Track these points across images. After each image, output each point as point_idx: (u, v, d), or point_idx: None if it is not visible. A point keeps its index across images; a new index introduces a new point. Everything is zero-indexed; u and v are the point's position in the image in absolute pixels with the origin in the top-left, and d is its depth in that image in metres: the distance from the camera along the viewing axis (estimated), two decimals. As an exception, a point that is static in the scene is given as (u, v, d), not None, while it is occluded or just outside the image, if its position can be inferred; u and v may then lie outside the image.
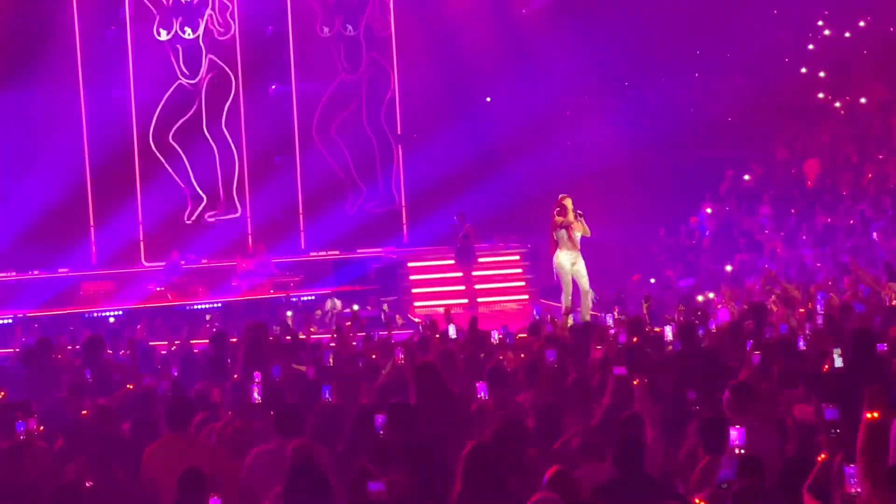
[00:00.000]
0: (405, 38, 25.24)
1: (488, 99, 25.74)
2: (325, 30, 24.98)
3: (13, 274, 23.22)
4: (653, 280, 21.92)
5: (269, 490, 7.56)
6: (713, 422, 7.67)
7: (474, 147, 24.85)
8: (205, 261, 24.03)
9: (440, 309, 16.48)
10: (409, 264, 23.20)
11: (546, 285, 20.51)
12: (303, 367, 11.45)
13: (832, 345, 10.12)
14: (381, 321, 17.31)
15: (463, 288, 22.11)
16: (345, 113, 25.20)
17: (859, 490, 6.21)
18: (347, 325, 15.19)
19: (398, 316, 20.58)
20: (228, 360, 12.09)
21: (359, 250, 24.48)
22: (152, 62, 24.20)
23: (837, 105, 24.02)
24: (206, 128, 24.55)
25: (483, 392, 9.15)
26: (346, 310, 20.35)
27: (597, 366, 10.37)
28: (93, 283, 23.02)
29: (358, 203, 25.30)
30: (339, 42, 25.10)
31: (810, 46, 24.46)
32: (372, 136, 25.34)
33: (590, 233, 16.58)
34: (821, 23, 24.36)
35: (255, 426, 8.83)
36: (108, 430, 8.67)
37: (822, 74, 24.26)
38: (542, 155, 24.34)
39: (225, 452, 8.34)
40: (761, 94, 24.29)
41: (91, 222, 24.16)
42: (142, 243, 24.31)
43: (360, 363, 11.88)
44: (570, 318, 14.91)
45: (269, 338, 13.21)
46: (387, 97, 25.39)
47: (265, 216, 24.91)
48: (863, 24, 24.07)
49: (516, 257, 23.59)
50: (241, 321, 17.91)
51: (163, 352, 14.56)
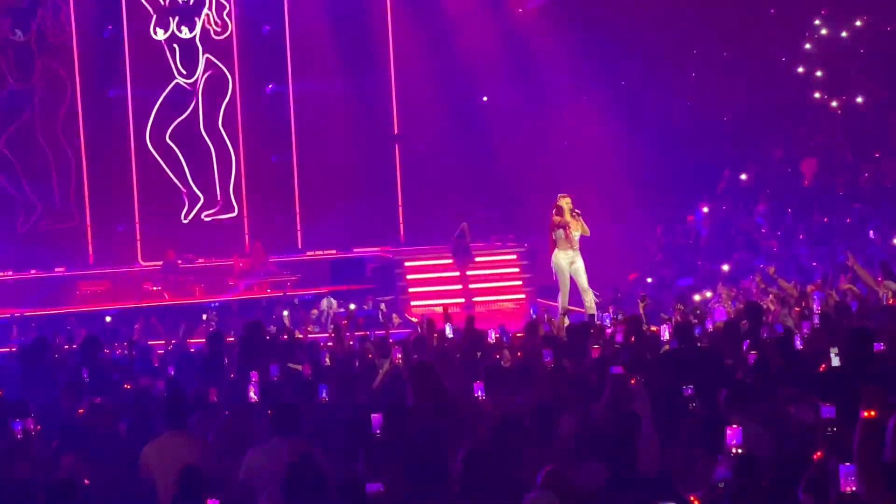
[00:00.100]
0: (402, 37, 25.22)
1: (485, 98, 25.73)
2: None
3: (10, 273, 23.21)
4: (649, 279, 21.91)
5: (266, 489, 7.56)
6: (710, 421, 7.67)
7: (471, 146, 24.85)
8: (201, 260, 24.02)
9: (438, 308, 16.47)
10: (406, 264, 23.18)
11: (543, 285, 20.50)
12: (299, 367, 11.44)
13: (829, 344, 10.11)
14: (379, 320, 17.31)
15: (460, 287, 22.11)
16: (346, 113, 25.18)
17: (855, 489, 6.21)
18: (344, 323, 15.18)
19: (395, 315, 20.58)
20: (225, 360, 12.08)
21: (356, 249, 24.47)
22: (149, 61, 24.24)
23: (834, 104, 24.01)
24: (202, 127, 24.54)
25: (480, 392, 9.15)
26: (341, 309, 20.36)
27: (594, 365, 10.37)
28: (89, 283, 23.01)
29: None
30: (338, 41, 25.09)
31: (807, 46, 24.46)
32: (369, 135, 25.33)
33: (589, 232, 16.58)
34: (818, 22, 24.36)
35: (252, 425, 8.82)
36: (105, 429, 8.66)
37: (818, 74, 24.26)
38: (539, 154, 24.33)
39: (222, 451, 8.33)
40: (758, 94, 24.28)
41: (88, 221, 24.15)
42: (138, 243, 24.30)
43: (356, 363, 11.88)
44: (567, 318, 14.90)
45: (266, 337, 13.19)
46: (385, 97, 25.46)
47: (262, 215, 24.90)
48: (859, 23, 24.06)
49: (513, 256, 23.57)
50: (238, 320, 17.92)
51: (160, 351, 14.55)
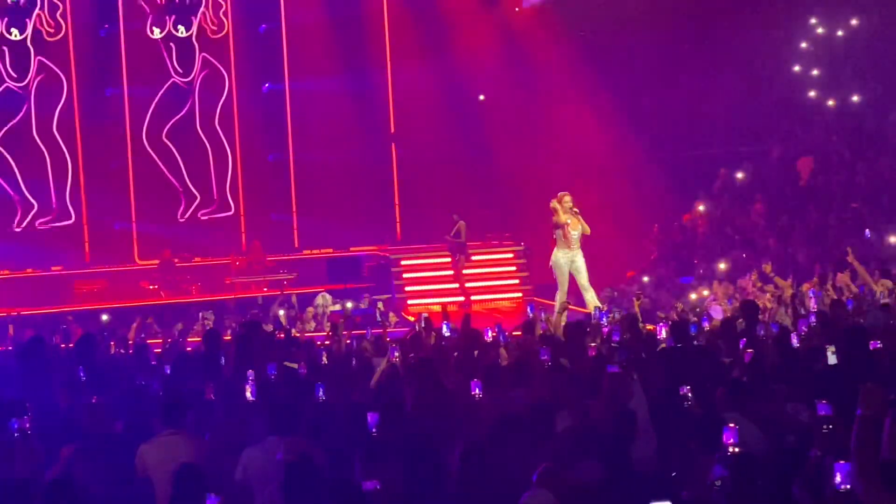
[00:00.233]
0: (399, 36, 25.21)
1: (482, 97, 25.72)
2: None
3: (6, 272, 23.19)
4: (646, 278, 21.91)
5: (264, 488, 7.55)
6: (706, 419, 7.67)
7: (468, 145, 24.85)
8: (198, 259, 24.01)
9: (435, 307, 16.46)
10: (403, 262, 23.19)
11: (540, 283, 20.51)
12: (294, 364, 11.43)
13: (826, 342, 10.12)
14: (376, 319, 17.29)
15: (457, 286, 22.12)
16: (343, 112, 25.17)
17: (852, 487, 6.22)
18: (341, 321, 15.17)
19: (392, 314, 20.58)
20: (222, 358, 12.07)
21: (352, 248, 24.47)
22: (146, 60, 24.23)
23: (830, 103, 24.01)
24: (199, 126, 24.53)
25: (478, 390, 9.14)
26: (336, 305, 20.35)
27: (591, 363, 10.36)
28: (86, 282, 23.00)
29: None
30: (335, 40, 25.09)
31: (803, 44, 24.47)
32: (366, 134, 25.31)
33: (589, 230, 16.57)
34: (814, 20, 24.37)
35: (249, 424, 8.81)
36: (102, 428, 8.65)
37: (815, 72, 24.27)
38: (536, 153, 24.33)
39: (219, 450, 8.32)
40: (754, 92, 24.29)
41: (84, 220, 24.13)
42: (135, 241, 24.29)
43: (353, 361, 11.87)
44: (564, 316, 14.90)
45: (262, 335, 13.17)
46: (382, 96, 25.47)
47: (259, 214, 24.89)
48: (855, 21, 24.09)
49: (510, 255, 23.59)
50: (235, 319, 17.90)
51: (156, 350, 14.53)
